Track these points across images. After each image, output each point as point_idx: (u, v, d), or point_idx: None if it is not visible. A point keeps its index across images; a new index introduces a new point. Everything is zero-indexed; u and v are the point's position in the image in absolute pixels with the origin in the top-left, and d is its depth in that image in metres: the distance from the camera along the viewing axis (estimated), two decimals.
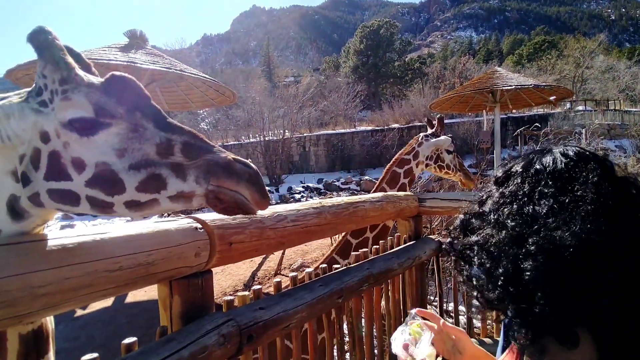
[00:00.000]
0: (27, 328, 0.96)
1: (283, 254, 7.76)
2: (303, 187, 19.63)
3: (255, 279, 7.18)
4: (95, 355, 1.01)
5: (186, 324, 1.28)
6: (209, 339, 1.20)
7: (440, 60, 50.57)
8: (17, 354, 0.96)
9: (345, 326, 2.31)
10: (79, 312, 5.86)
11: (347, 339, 2.38)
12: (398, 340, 1.15)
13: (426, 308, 3.44)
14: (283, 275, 7.37)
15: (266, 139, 21.99)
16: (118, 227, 1.11)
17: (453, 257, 0.91)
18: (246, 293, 1.56)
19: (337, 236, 6.87)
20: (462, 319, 3.69)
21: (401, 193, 3.15)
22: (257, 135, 23.27)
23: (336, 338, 2.15)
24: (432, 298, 4.87)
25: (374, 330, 2.55)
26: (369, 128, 26.20)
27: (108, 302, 6.16)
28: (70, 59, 0.92)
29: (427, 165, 3.94)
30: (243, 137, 25.26)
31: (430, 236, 3.38)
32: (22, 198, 0.92)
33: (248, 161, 0.93)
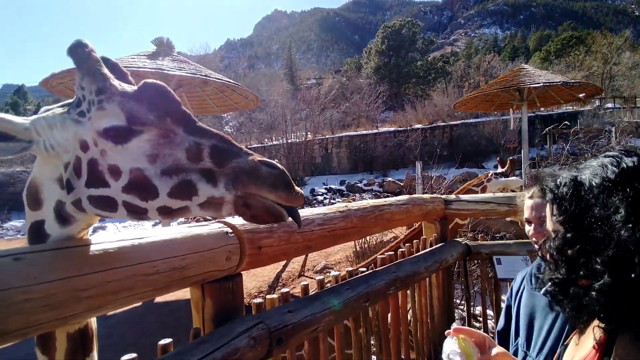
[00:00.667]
0: (74, 327, 1.01)
1: (307, 256, 7.78)
2: (325, 188, 19.65)
3: (280, 280, 7.24)
4: (134, 355, 1.05)
5: (218, 326, 1.31)
6: (240, 342, 1.22)
7: (464, 59, 49.48)
8: (65, 352, 1.01)
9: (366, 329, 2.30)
10: (111, 312, 6.06)
11: (373, 341, 2.37)
12: (450, 352, 1.15)
13: (453, 312, 3.39)
14: (307, 277, 7.40)
15: (289, 141, 22.17)
16: (154, 232, 1.15)
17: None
18: (274, 296, 1.58)
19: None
20: (490, 323, 3.60)
21: (427, 195, 3.11)
22: (279, 137, 23.50)
23: (363, 341, 2.15)
24: (457, 301, 4.78)
25: (400, 334, 2.53)
26: (392, 129, 25.96)
27: (138, 302, 6.34)
28: (105, 70, 0.96)
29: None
30: (266, 140, 25.55)
31: (457, 239, 3.31)
32: (67, 204, 0.96)
33: (275, 162, 0.91)
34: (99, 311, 0.96)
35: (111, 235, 1.06)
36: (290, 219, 0.92)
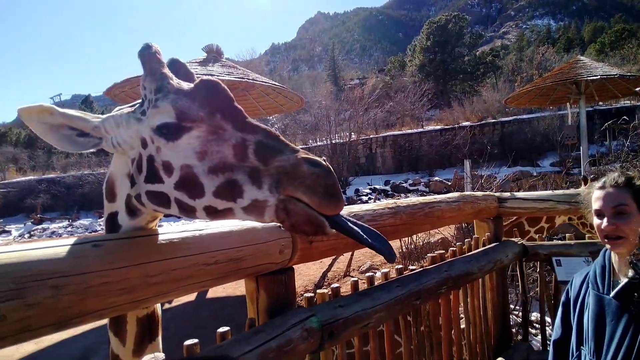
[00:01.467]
0: (143, 312, 1.09)
1: (352, 255, 7.76)
2: (370, 189, 19.49)
3: (325, 279, 7.27)
4: (196, 340, 1.10)
5: (271, 317, 1.35)
6: (293, 333, 1.25)
7: (515, 52, 46.78)
8: (135, 335, 1.09)
9: (421, 329, 2.25)
10: (167, 305, 6.42)
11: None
12: None
13: (508, 317, 3.22)
14: (352, 277, 7.38)
15: (333, 141, 22.24)
16: (213, 224, 1.20)
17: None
18: (325, 291, 1.60)
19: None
20: (549, 330, 3.38)
21: (479, 193, 2.99)
22: (323, 138, 23.62)
23: (413, 341, 2.11)
24: (512, 307, 4.54)
25: (453, 336, 2.45)
26: (438, 127, 25.19)
27: (192, 297, 6.67)
28: (165, 70, 0.98)
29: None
30: (310, 141, 25.80)
31: (513, 239, 3.15)
32: (132, 197, 1.01)
33: (320, 159, 0.84)
34: (166, 296, 1.03)
35: (175, 226, 1.13)
36: (333, 230, 0.84)
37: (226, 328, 1.20)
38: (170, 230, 1.08)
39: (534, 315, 4.30)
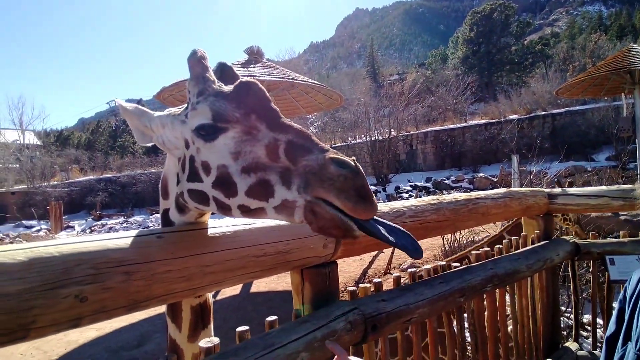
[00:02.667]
0: (196, 301, 1.18)
1: (393, 253, 7.70)
2: (411, 186, 19.16)
3: (366, 276, 7.27)
4: (247, 327, 1.18)
5: (315, 309, 1.41)
6: (337, 324, 1.29)
7: (566, 40, 43.81)
8: (190, 322, 1.18)
9: (462, 327, 2.22)
10: (214, 298, 6.72)
11: (468, 339, 2.28)
12: None
13: (559, 318, 3.08)
14: (392, 274, 7.32)
15: (372, 138, 22.06)
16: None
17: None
18: (367, 285, 1.63)
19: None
20: (600, 332, 3.19)
21: (527, 189, 2.87)
22: (363, 135, 23.50)
23: (457, 339, 2.08)
24: (562, 308, 4.32)
25: (499, 335, 2.39)
26: (482, 121, 24.22)
27: (237, 290, 6.94)
28: (207, 74, 1.03)
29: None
30: (350, 138, 25.75)
31: (564, 237, 3.00)
32: (179, 195, 1.08)
33: (349, 159, 0.81)
34: (220, 285, 1.11)
35: (226, 220, 1.21)
36: (361, 233, 0.82)
37: (274, 317, 1.27)
38: (222, 223, 1.16)
39: (585, 317, 4.08)
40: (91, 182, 27.45)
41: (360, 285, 1.61)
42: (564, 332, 3.59)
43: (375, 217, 0.84)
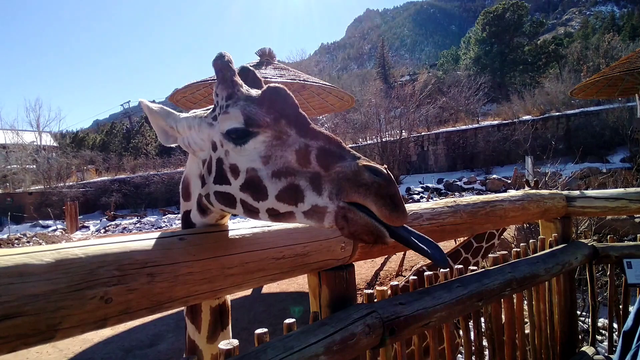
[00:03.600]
0: (216, 302, 1.19)
1: (404, 255, 7.65)
2: (422, 187, 19.02)
3: (378, 278, 7.23)
4: (265, 330, 1.18)
5: (333, 312, 1.40)
6: (356, 327, 1.29)
7: (580, 40, 43.11)
8: (209, 323, 1.19)
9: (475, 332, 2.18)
10: (249, 289, 6.74)
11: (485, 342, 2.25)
12: None
13: (576, 322, 3.02)
14: (404, 276, 7.27)
15: (383, 140, 21.99)
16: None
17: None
18: (384, 288, 1.62)
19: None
20: (615, 337, 3.12)
21: (545, 191, 2.83)
22: (374, 136, 23.44)
23: (474, 344, 2.06)
24: (578, 312, 4.24)
25: (516, 339, 2.35)
26: (495, 122, 23.93)
27: (248, 291, 6.96)
28: (236, 78, 1.04)
29: None
30: (360, 140, 25.70)
31: (582, 240, 2.94)
32: (202, 197, 1.09)
33: (382, 167, 0.82)
34: (240, 287, 1.11)
35: (245, 222, 1.21)
36: (392, 240, 0.82)
37: (292, 320, 1.26)
38: (242, 226, 1.16)
39: (601, 322, 4.01)
40: (105, 182, 27.93)
41: (377, 288, 1.60)
42: (580, 336, 3.52)
43: (405, 225, 0.85)
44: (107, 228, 19.16)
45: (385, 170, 0.82)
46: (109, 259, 0.85)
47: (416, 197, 17.51)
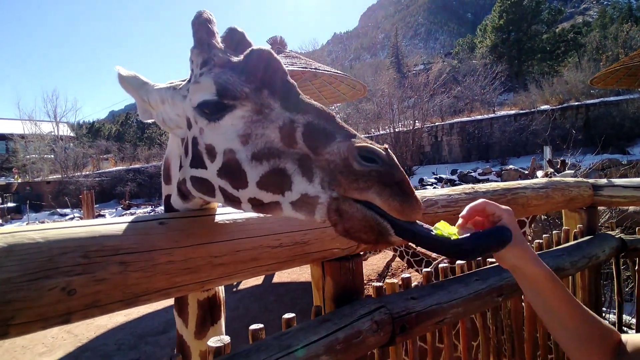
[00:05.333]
0: (204, 295, 1.07)
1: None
2: (435, 178, 18.72)
3: (389, 269, 7.10)
4: (261, 325, 1.06)
5: (338, 306, 1.28)
6: (362, 324, 1.16)
7: (598, 29, 41.76)
8: (197, 317, 1.07)
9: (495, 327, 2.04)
10: (236, 287, 6.75)
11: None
12: None
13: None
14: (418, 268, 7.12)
15: (396, 130, 21.66)
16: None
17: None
18: (395, 281, 1.48)
19: None
20: None
21: (570, 179, 2.64)
22: (386, 127, 23.12)
23: (492, 341, 1.91)
24: (604, 309, 4.05)
25: (537, 336, 2.21)
26: (512, 112, 23.33)
27: (259, 280, 6.94)
28: (214, 41, 0.87)
29: None
30: (373, 130, 25.40)
31: (610, 232, 2.75)
32: (180, 181, 0.93)
33: (379, 147, 0.68)
34: (231, 278, 0.99)
35: None
36: (398, 238, 0.67)
37: (291, 314, 1.14)
38: (234, 210, 1.04)
39: (626, 318, 3.82)
40: (120, 172, 28.32)
41: (387, 280, 1.46)
42: None
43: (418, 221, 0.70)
44: (122, 217, 19.45)
45: (385, 152, 0.67)
46: (73, 244, 0.73)
47: (429, 187, 17.26)
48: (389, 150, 0.68)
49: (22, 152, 33.55)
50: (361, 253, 1.38)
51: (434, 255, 4.36)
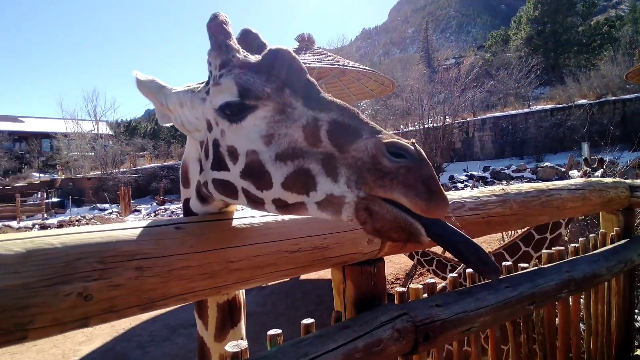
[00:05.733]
0: (223, 298, 1.06)
1: None
2: (466, 175, 18.23)
3: (417, 269, 6.97)
4: (279, 331, 1.04)
5: (359, 311, 1.24)
6: (383, 332, 1.12)
7: (630, 23, 39.38)
8: (216, 320, 1.07)
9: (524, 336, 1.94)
10: (264, 284, 6.85)
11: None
12: None
13: (633, 325, 2.68)
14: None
15: (425, 126, 21.23)
16: None
17: None
18: (419, 286, 1.43)
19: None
20: None
21: (608, 179, 2.48)
22: (415, 123, 22.71)
23: (523, 350, 1.82)
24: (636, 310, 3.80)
25: (571, 345, 2.09)
26: (548, 106, 22.32)
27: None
28: (232, 42, 0.87)
29: None
30: (402, 126, 25.03)
31: None
32: (202, 184, 0.93)
33: (408, 143, 0.67)
34: (247, 284, 0.98)
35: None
36: (428, 239, 0.67)
37: (310, 320, 1.12)
38: (252, 214, 1.03)
39: None
40: (155, 169, 29.36)
41: (411, 286, 1.41)
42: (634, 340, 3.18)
43: (448, 223, 0.69)
44: (156, 212, 20.14)
45: (413, 147, 0.65)
46: (90, 249, 0.74)
47: (460, 185, 16.80)
48: (416, 144, 0.67)
49: (65, 150, 35.43)
50: (383, 258, 1.34)
51: (447, 255, 4.24)
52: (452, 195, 1.58)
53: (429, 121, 21.64)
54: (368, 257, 1.27)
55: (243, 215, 1.01)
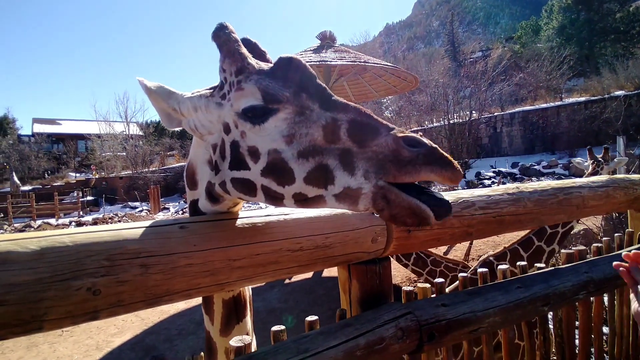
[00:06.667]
0: (229, 295, 1.11)
1: (471, 244, 7.16)
2: (494, 172, 17.74)
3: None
4: (282, 327, 1.08)
5: (364, 310, 1.26)
6: (386, 331, 1.13)
7: None
8: (222, 316, 1.12)
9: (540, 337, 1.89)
10: (288, 280, 6.93)
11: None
12: None
13: None
14: (470, 267, 6.80)
15: (451, 122, 20.79)
16: (298, 209, 1.15)
17: None
18: (427, 285, 1.43)
19: None
20: None
21: (636, 176, 2.37)
22: (441, 118, 22.26)
23: (539, 351, 1.78)
24: None
25: (592, 349, 2.02)
26: (582, 99, 21.31)
27: (309, 274, 7.05)
28: (244, 50, 0.94)
29: None
30: (426, 122, 24.60)
31: None
32: (215, 185, 0.99)
33: (417, 135, 0.77)
34: (250, 281, 1.02)
35: (259, 210, 1.11)
36: (436, 221, 0.77)
37: (314, 317, 1.15)
38: (254, 214, 1.06)
39: None
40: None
41: (419, 284, 1.41)
42: None
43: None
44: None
45: (424, 139, 0.76)
46: (98, 247, 0.79)
47: (487, 182, 16.36)
48: (423, 136, 0.78)
49: (99, 150, 36.96)
50: (389, 257, 1.35)
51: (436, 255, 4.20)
52: (462, 194, 1.56)
53: (455, 116, 21.16)
54: (373, 256, 1.29)
55: (246, 215, 1.05)
